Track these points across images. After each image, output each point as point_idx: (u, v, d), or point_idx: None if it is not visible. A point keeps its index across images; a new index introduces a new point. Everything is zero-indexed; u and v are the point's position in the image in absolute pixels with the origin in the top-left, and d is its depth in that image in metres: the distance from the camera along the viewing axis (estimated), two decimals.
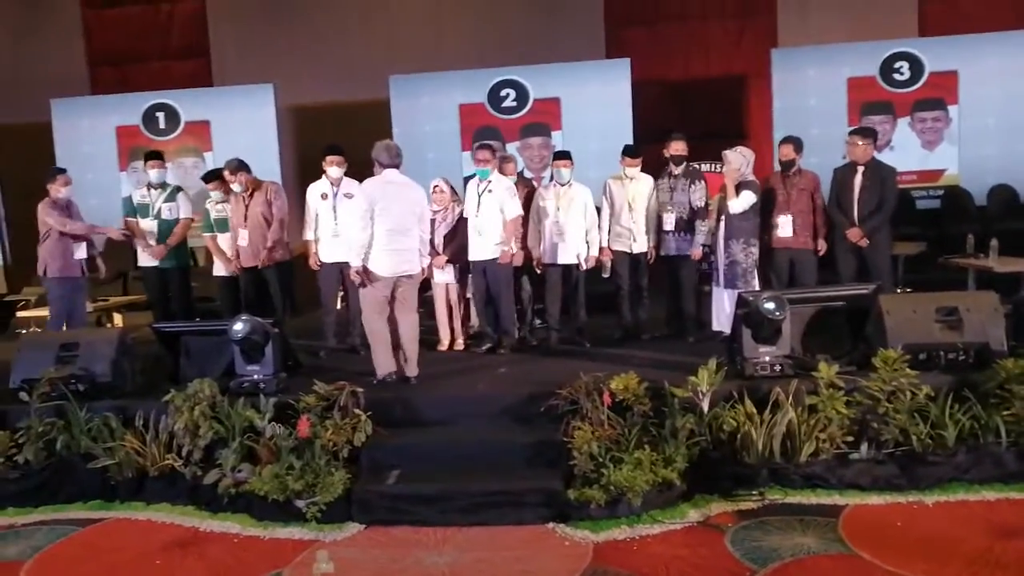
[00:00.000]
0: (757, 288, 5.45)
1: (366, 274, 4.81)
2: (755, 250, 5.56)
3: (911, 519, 3.65)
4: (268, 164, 7.86)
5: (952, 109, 8.00)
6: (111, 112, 8.71)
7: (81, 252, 5.99)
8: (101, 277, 6.30)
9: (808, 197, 5.66)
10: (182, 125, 8.62)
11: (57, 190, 5.98)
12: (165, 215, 6.27)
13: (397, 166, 4.96)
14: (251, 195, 5.94)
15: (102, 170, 7.41)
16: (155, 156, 6.42)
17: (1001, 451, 3.93)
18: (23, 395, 4.53)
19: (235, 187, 5.94)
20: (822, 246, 5.71)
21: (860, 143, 5.65)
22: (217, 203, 6.14)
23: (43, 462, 4.41)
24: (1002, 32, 7.96)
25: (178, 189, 6.43)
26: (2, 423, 4.58)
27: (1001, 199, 7.93)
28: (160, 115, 8.60)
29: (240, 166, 5.93)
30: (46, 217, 5.88)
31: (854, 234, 5.59)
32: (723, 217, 5.56)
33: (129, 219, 6.29)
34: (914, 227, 7.47)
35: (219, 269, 6.19)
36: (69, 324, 5.94)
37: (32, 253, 6.10)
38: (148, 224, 6.25)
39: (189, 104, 8.65)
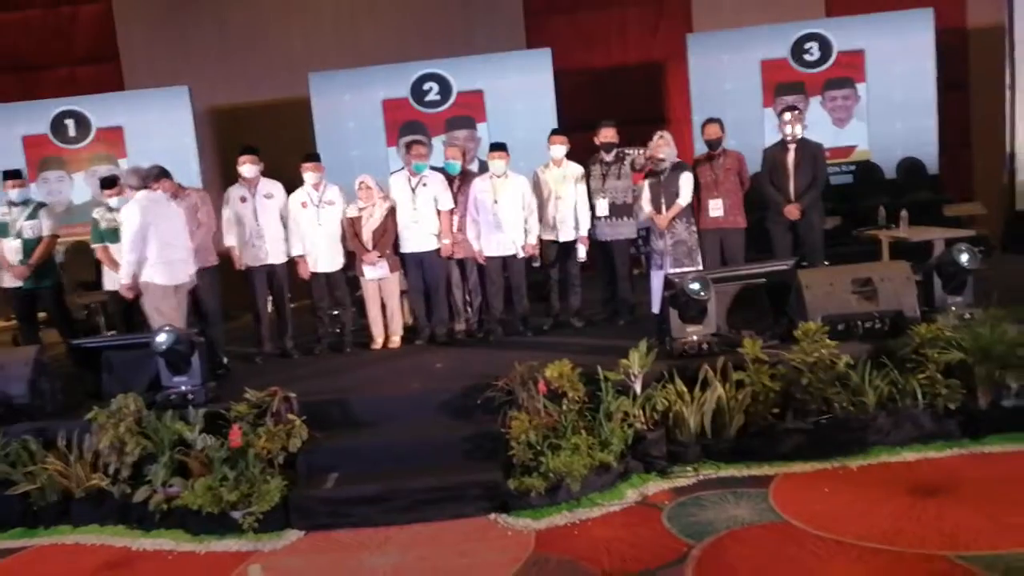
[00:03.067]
0: (701, 265, 5.58)
1: (134, 288, 5.09)
2: (695, 229, 5.71)
3: (837, 484, 3.80)
4: (187, 168, 7.65)
5: (860, 87, 8.29)
6: (16, 121, 8.32)
7: None
8: None
9: (735, 176, 5.81)
10: (93, 132, 8.29)
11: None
12: (27, 234, 5.97)
13: (148, 186, 5.23)
14: (174, 200, 5.74)
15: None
16: (14, 175, 6.14)
17: (918, 413, 4.11)
18: None
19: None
20: (741, 222, 5.83)
21: (795, 116, 5.80)
22: (108, 211, 5.79)
23: None
24: (904, 11, 8.28)
25: (41, 206, 6.14)
26: None
27: (909, 172, 8.27)
28: (70, 122, 8.26)
29: (162, 173, 5.74)
30: None
31: (791, 211, 5.74)
32: (662, 199, 5.65)
33: None
34: (829, 202, 7.70)
35: (111, 282, 5.79)
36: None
37: None
38: (11, 244, 5.95)
39: (100, 110, 8.32)
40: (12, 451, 4.26)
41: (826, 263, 5.73)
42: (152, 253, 5.05)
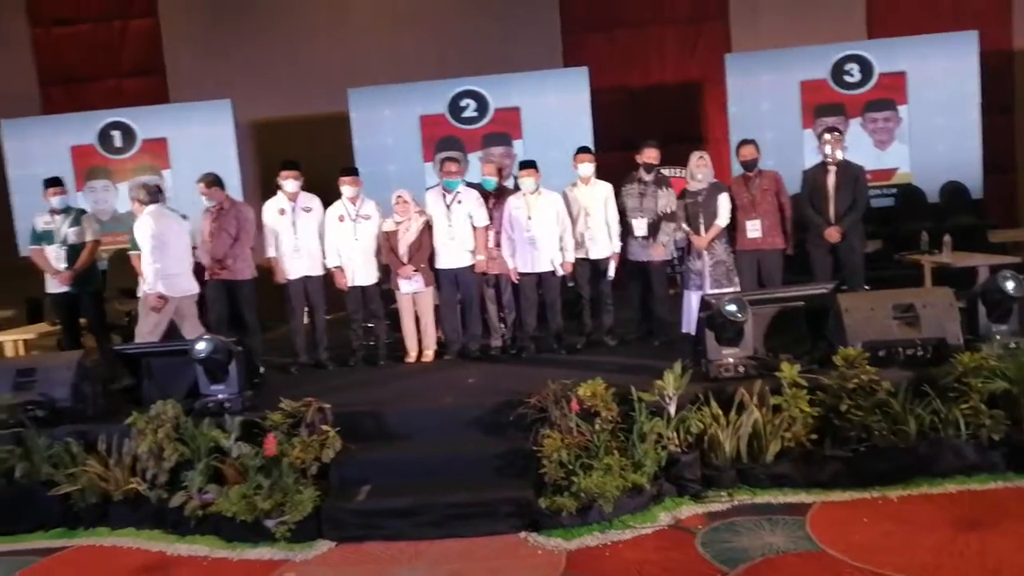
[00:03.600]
0: (739, 287, 5.54)
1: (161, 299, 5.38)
2: (732, 249, 5.68)
3: (877, 514, 3.72)
4: (228, 180, 7.72)
5: (902, 109, 8.19)
6: (65, 132, 8.55)
7: None
8: None
9: (772, 197, 5.76)
10: (139, 143, 8.49)
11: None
12: (71, 240, 6.08)
13: (158, 201, 5.60)
14: (222, 211, 5.86)
15: None
16: (55, 183, 6.23)
17: (961, 443, 4.01)
18: None
19: (206, 201, 5.86)
20: (787, 246, 5.79)
21: (836, 138, 5.75)
22: (46, 215, 5.98)
23: (1, 491, 4.30)
24: (948, 33, 8.19)
25: (82, 213, 6.26)
26: None
27: (952, 196, 8.14)
28: (116, 133, 8.46)
29: (216, 181, 5.88)
30: None
31: (832, 234, 5.68)
32: (700, 220, 5.63)
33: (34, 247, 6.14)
34: (869, 225, 7.61)
35: (47, 284, 6.02)
36: None
37: None
38: (55, 250, 6.06)
39: (145, 122, 8.52)
40: (55, 453, 4.35)
41: (867, 287, 5.65)
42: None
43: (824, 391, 4.14)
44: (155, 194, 5.59)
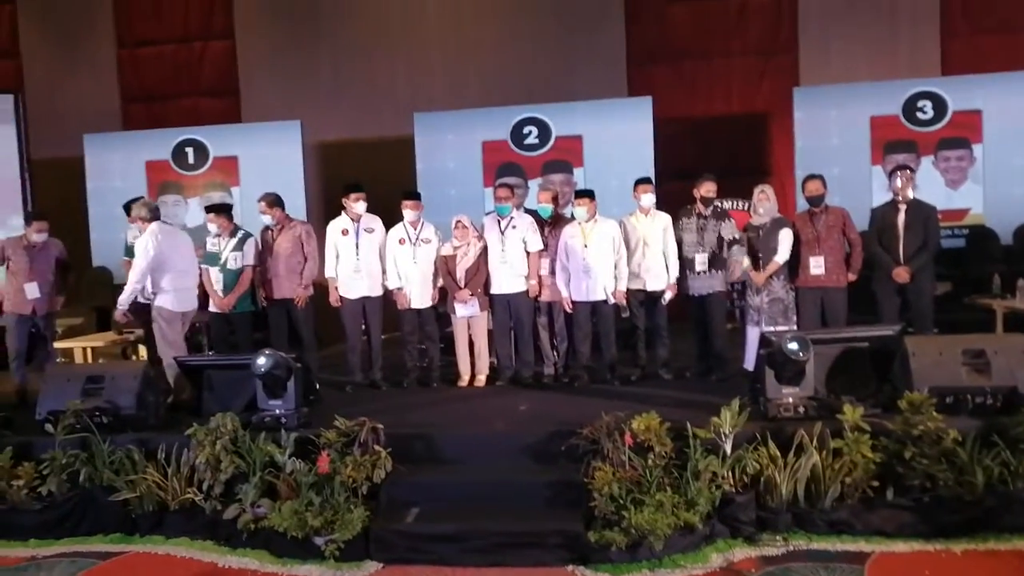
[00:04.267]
0: (796, 325, 5.44)
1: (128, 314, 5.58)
2: (792, 286, 5.58)
3: (939, 568, 3.57)
4: (294, 199, 7.97)
5: (976, 148, 7.96)
6: (142, 147, 8.90)
7: (33, 292, 6.00)
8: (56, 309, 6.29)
9: (839, 234, 5.63)
10: (210, 160, 8.78)
11: (31, 234, 6.05)
12: (231, 264, 5.96)
13: (158, 218, 5.69)
14: (280, 231, 6.02)
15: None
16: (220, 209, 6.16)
17: None
18: (48, 427, 4.58)
19: (266, 219, 6.02)
20: (851, 276, 5.64)
21: (907, 177, 5.63)
22: (212, 236, 5.99)
23: (66, 494, 4.45)
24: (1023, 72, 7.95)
25: (248, 235, 6.05)
26: (27, 454, 4.62)
27: None
28: (190, 150, 8.77)
29: (277, 201, 6.03)
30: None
31: (900, 274, 5.54)
32: (760, 255, 5.55)
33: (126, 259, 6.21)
34: (940, 266, 7.38)
35: (212, 305, 6.02)
36: (29, 362, 6.08)
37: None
38: (216, 273, 5.95)
39: (218, 140, 8.81)
40: (117, 459, 4.47)
41: (935, 330, 5.47)
42: (166, 282, 5.54)
43: (887, 436, 4.01)
44: (155, 211, 5.70)
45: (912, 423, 3.95)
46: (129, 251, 6.22)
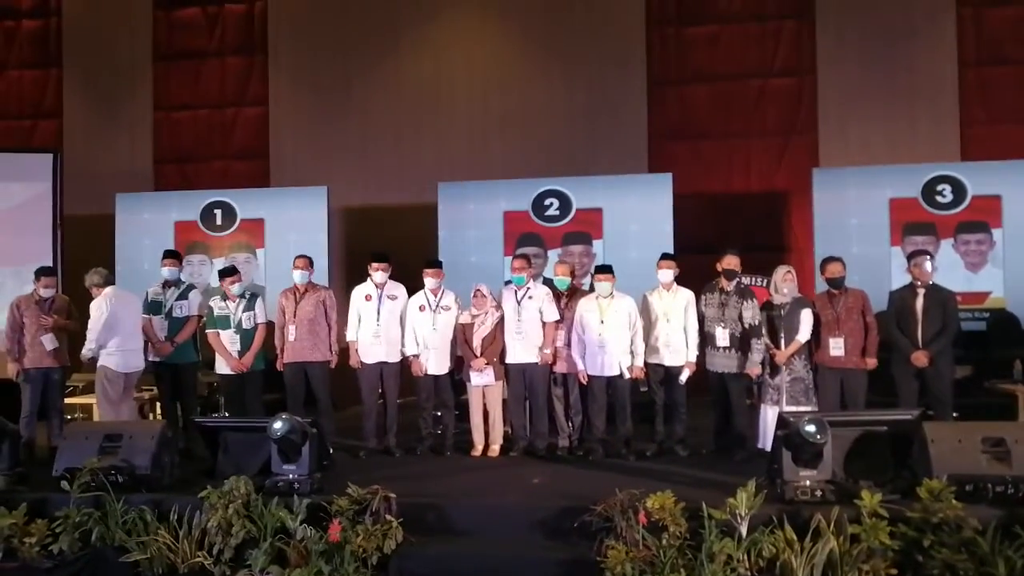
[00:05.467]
0: (817, 406, 5.40)
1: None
2: (811, 365, 5.57)
3: None
4: (317, 262, 8.08)
5: (996, 232, 7.97)
6: (171, 207, 9.11)
7: (49, 344, 6.19)
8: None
9: (858, 315, 5.64)
10: (238, 222, 8.96)
11: (39, 289, 6.27)
12: (176, 313, 6.30)
13: (112, 283, 6.12)
14: (304, 294, 6.13)
15: (158, 263, 7.66)
16: (173, 255, 6.59)
17: None
18: (64, 484, 4.61)
19: (297, 277, 6.17)
20: (871, 363, 5.64)
21: (928, 263, 5.68)
22: (223, 300, 6.19)
23: (77, 552, 4.44)
24: None
25: (191, 287, 6.49)
26: (42, 511, 4.64)
27: None
28: (218, 212, 8.96)
29: (312, 263, 6.23)
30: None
31: (919, 358, 5.52)
32: (782, 335, 5.55)
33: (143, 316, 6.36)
34: (960, 349, 7.32)
35: (221, 366, 6.19)
36: (42, 414, 6.20)
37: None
38: (160, 321, 6.27)
39: (246, 202, 9.01)
40: (130, 519, 4.48)
41: (955, 415, 5.41)
42: (113, 343, 5.86)
43: (906, 523, 3.94)
44: (107, 277, 6.11)
45: (931, 511, 3.89)
46: (149, 308, 6.36)
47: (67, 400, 6.71)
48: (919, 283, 5.65)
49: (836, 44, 9.14)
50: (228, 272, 6.29)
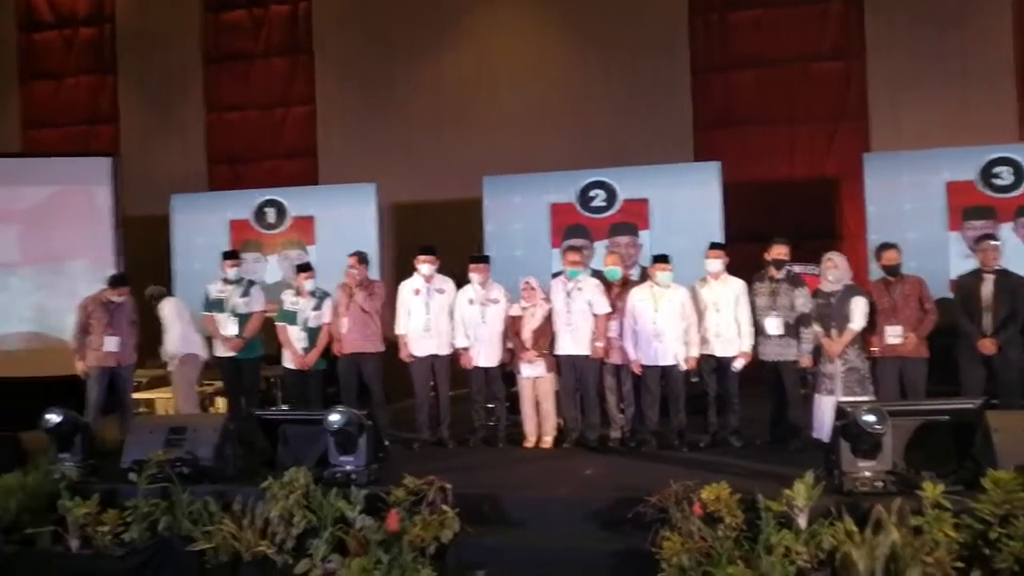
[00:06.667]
0: (874, 395, 5.32)
1: None
2: (867, 355, 5.47)
3: None
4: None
5: None
6: (226, 207, 9.32)
7: (112, 346, 6.38)
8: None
9: (915, 303, 5.53)
10: (289, 220, 9.12)
11: (110, 294, 6.49)
12: (241, 310, 6.53)
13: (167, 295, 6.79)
14: (358, 288, 6.24)
15: (213, 261, 7.90)
16: (232, 256, 6.81)
17: None
18: (132, 476, 4.77)
19: (351, 275, 6.25)
20: (911, 341, 5.48)
21: (993, 247, 5.56)
22: (295, 295, 6.35)
23: (146, 541, 4.60)
24: None
25: (252, 284, 6.72)
26: (112, 501, 4.82)
27: None
28: (270, 210, 9.15)
29: (365, 259, 6.36)
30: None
31: (987, 345, 5.40)
32: (833, 324, 5.48)
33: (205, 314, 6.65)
34: None
35: (287, 359, 6.34)
36: (107, 412, 6.41)
37: (147, 336, 6.72)
38: (226, 318, 6.51)
39: (297, 200, 9.18)
40: (195, 509, 4.61)
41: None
42: (192, 336, 6.63)
43: (970, 515, 3.86)
44: (163, 292, 6.90)
45: (997, 502, 3.80)
46: (210, 306, 6.55)
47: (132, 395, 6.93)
48: (986, 268, 5.51)
49: (886, 26, 8.92)
50: (304, 268, 6.47)
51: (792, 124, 9.16)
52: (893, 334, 5.46)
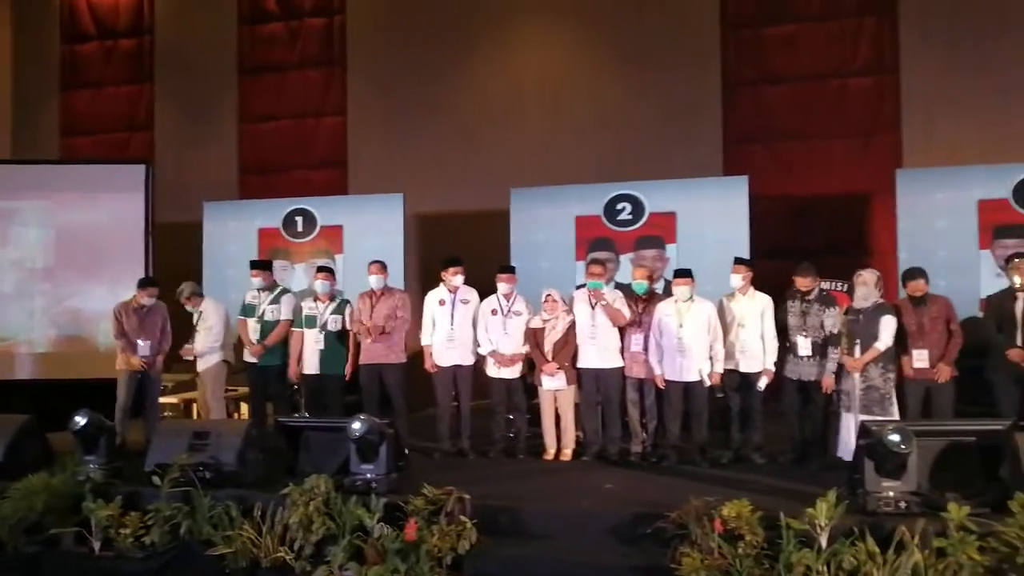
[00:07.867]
0: (896, 416, 5.23)
1: None
2: (893, 375, 5.39)
3: None
4: (394, 267, 8.25)
5: None
6: (256, 215, 9.43)
7: (144, 350, 6.50)
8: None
9: (943, 325, 5.45)
10: (318, 229, 9.22)
11: (141, 297, 6.60)
12: (268, 316, 6.59)
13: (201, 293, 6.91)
14: (380, 297, 6.29)
15: (244, 268, 8.02)
16: (260, 266, 6.87)
17: None
18: (155, 479, 4.84)
19: (374, 282, 6.33)
20: (945, 372, 5.41)
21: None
22: (313, 301, 6.46)
23: (167, 545, 4.65)
24: None
25: (284, 292, 6.79)
26: (135, 504, 4.88)
27: None
28: (299, 219, 9.25)
29: (385, 267, 6.44)
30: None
31: (1016, 354, 5.32)
32: (857, 341, 5.40)
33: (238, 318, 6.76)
34: None
35: (307, 367, 6.42)
36: (134, 415, 6.53)
37: (176, 340, 6.81)
38: (253, 324, 6.60)
39: (326, 210, 9.26)
40: (216, 514, 4.66)
41: None
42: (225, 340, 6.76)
43: (996, 539, 3.77)
44: (198, 289, 6.94)
45: None
46: (244, 311, 6.65)
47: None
48: (1018, 287, 5.42)
49: (921, 41, 8.82)
50: (322, 268, 6.61)
51: (824, 139, 9.07)
52: (919, 358, 5.39)
